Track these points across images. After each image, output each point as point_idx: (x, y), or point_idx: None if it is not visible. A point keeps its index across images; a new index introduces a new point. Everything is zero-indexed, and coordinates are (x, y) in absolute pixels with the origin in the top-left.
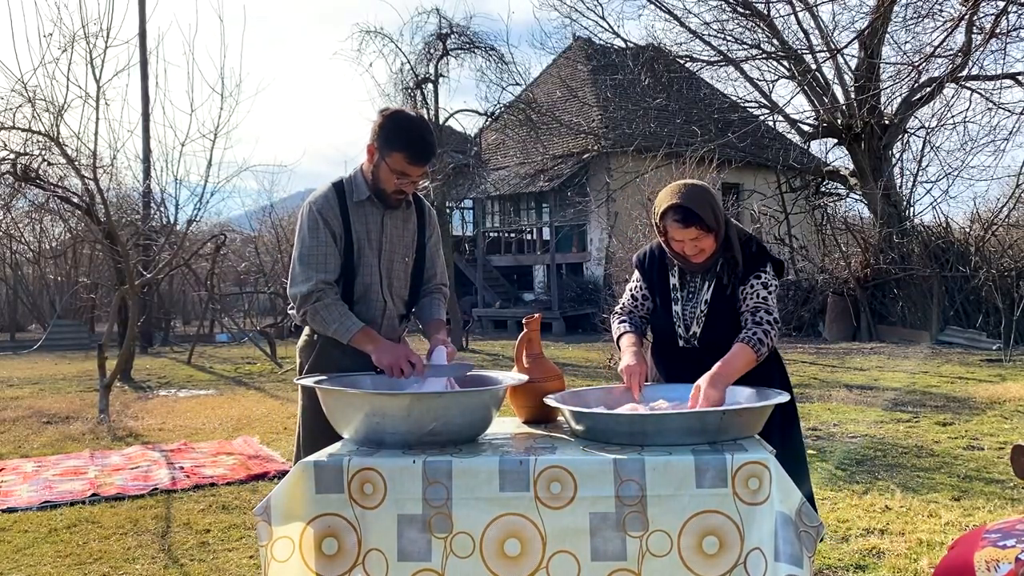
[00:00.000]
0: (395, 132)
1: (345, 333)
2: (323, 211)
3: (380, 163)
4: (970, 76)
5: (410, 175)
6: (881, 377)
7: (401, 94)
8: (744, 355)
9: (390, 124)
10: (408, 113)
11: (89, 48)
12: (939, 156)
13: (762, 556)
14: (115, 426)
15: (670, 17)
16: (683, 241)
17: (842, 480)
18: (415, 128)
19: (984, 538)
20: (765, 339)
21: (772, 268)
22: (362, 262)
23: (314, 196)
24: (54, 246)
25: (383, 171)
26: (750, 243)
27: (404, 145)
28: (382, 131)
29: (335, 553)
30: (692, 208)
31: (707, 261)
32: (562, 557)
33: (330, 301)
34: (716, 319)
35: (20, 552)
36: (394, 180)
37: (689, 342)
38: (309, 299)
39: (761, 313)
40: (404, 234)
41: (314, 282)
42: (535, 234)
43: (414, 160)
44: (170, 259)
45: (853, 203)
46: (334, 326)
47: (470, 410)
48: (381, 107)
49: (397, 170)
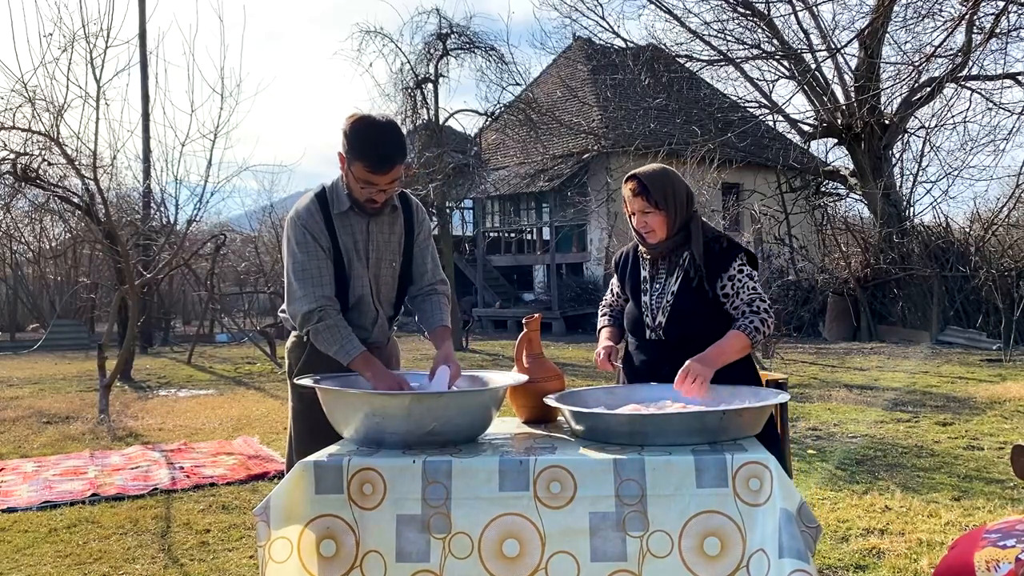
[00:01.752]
0: (356, 141)
1: (345, 356)
2: (308, 225)
3: (348, 172)
4: (970, 76)
5: (376, 183)
6: (881, 377)
7: (401, 94)
8: (738, 340)
9: (352, 132)
10: (372, 118)
11: (89, 48)
12: (939, 156)
13: (765, 556)
14: (115, 426)
15: (670, 17)
16: (636, 214)
17: (842, 480)
18: (374, 136)
19: (984, 538)
20: (761, 327)
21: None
22: (353, 272)
23: (297, 209)
24: (54, 246)
25: (351, 180)
26: (719, 240)
27: (362, 154)
28: (346, 139)
29: (333, 555)
30: (643, 180)
31: (663, 245)
32: (561, 558)
33: (332, 322)
34: (682, 310)
35: (20, 552)
36: (361, 189)
37: (656, 332)
38: (311, 318)
39: (757, 303)
40: (391, 239)
41: (315, 299)
42: (535, 234)
43: (375, 169)
44: (170, 259)
45: (853, 203)
46: (335, 348)
47: (470, 410)
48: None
49: (361, 179)
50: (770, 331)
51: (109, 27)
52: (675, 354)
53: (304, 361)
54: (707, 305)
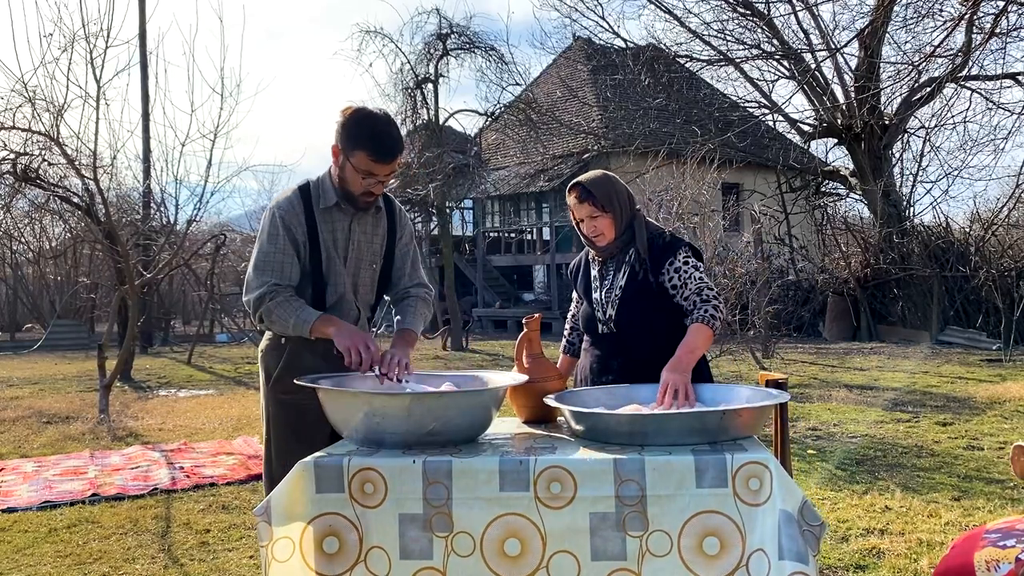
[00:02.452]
0: (357, 130)
1: (304, 325)
2: (286, 218)
3: (345, 164)
4: (970, 76)
5: (376, 174)
6: (881, 377)
7: (401, 94)
8: (700, 332)
9: (352, 122)
10: (370, 110)
11: (89, 48)
12: (939, 156)
13: (765, 557)
14: (115, 426)
15: (670, 17)
16: (583, 220)
17: (842, 480)
18: (378, 125)
19: (984, 538)
20: (716, 313)
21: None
22: (332, 270)
23: (277, 200)
24: (54, 246)
25: (349, 172)
26: (662, 235)
27: (367, 143)
28: (344, 130)
29: (336, 551)
30: (586, 185)
31: (612, 246)
32: (562, 557)
33: (282, 298)
34: (629, 302)
35: (20, 552)
36: (361, 181)
37: (607, 325)
38: (263, 301)
39: (706, 291)
40: (372, 240)
41: (267, 285)
42: (535, 234)
43: (379, 158)
44: (170, 259)
45: (853, 203)
46: (292, 320)
47: (470, 410)
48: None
49: (363, 170)
50: (724, 316)
51: (109, 27)
52: (626, 347)
53: (284, 365)
54: (653, 297)
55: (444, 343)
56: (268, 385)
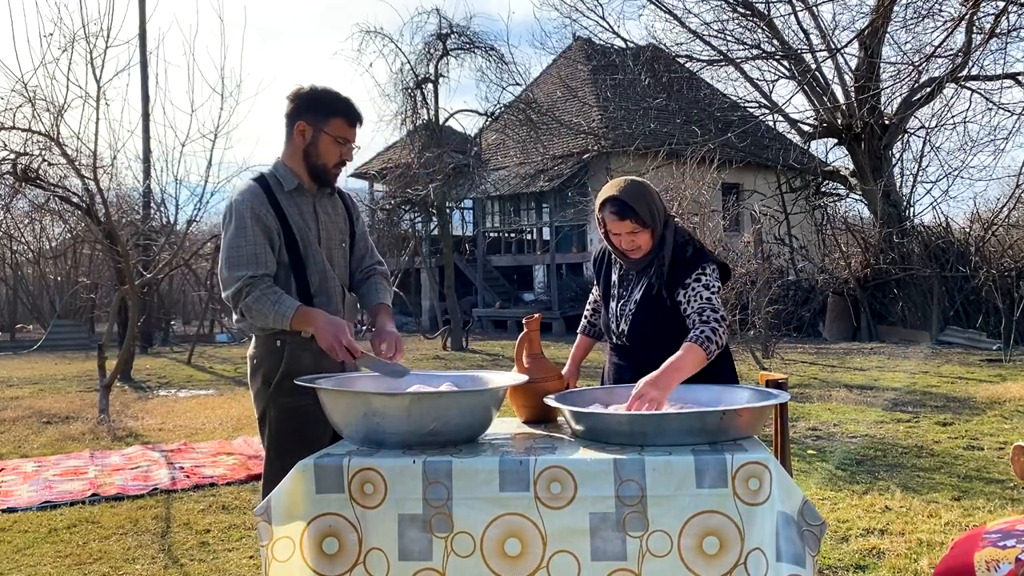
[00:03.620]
0: (327, 100)
1: (283, 318)
2: (254, 207)
3: (319, 136)
4: (970, 76)
5: (350, 140)
6: (881, 377)
7: (401, 94)
8: (692, 353)
9: (315, 96)
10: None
11: (89, 48)
12: (939, 156)
13: (763, 556)
14: (115, 426)
15: (670, 17)
16: (620, 235)
17: (842, 480)
18: (336, 93)
19: (984, 538)
20: (713, 336)
21: (715, 271)
22: (310, 252)
23: (237, 194)
24: (54, 246)
25: (324, 143)
26: (686, 247)
27: (341, 109)
28: (310, 105)
29: (336, 552)
30: (627, 201)
31: (644, 259)
32: (562, 557)
33: (259, 292)
34: (643, 318)
35: (20, 552)
36: (336, 149)
37: (620, 339)
38: (240, 296)
39: (707, 312)
40: (336, 220)
41: (243, 279)
42: (535, 234)
43: (352, 121)
44: (170, 259)
45: (853, 203)
46: (271, 314)
47: (470, 410)
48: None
49: (340, 136)
50: (723, 340)
51: (109, 27)
52: (638, 359)
53: (284, 370)
54: (666, 314)
55: (444, 343)
56: (268, 390)
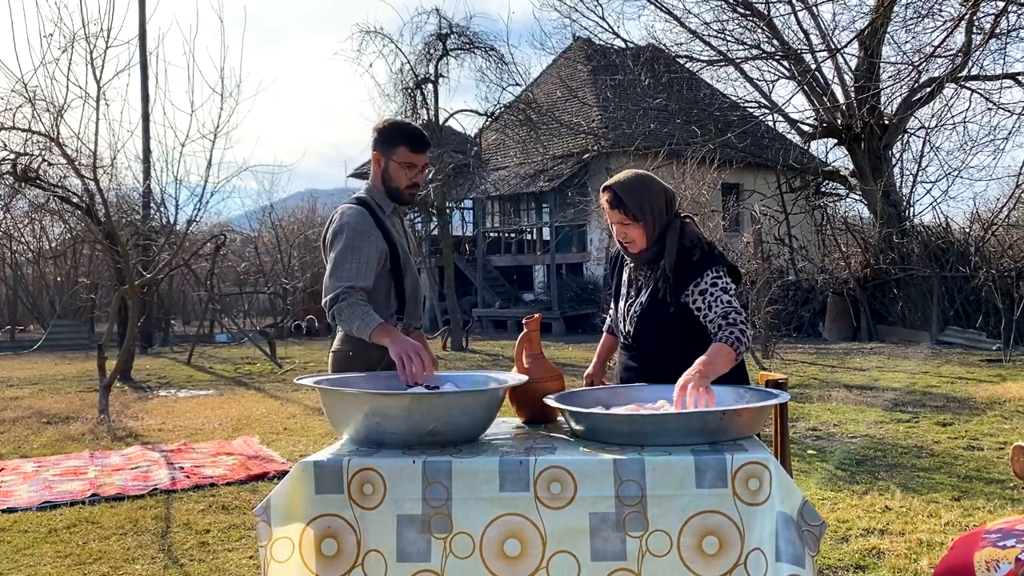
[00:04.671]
0: (392, 132)
1: (365, 329)
2: (362, 228)
3: (388, 164)
4: (970, 76)
5: (417, 164)
6: (881, 377)
7: (401, 94)
8: (725, 352)
9: (385, 128)
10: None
11: (89, 48)
12: (939, 156)
13: (763, 556)
14: (115, 426)
15: (670, 17)
16: (614, 224)
17: (842, 480)
18: (406, 123)
19: (984, 538)
20: (742, 338)
21: (726, 273)
22: (407, 266)
23: (346, 216)
24: (54, 246)
25: (393, 170)
26: (692, 251)
27: (404, 139)
28: (381, 136)
29: (334, 554)
30: (618, 192)
31: (643, 255)
32: (562, 557)
33: (353, 301)
34: (647, 322)
35: (20, 552)
36: (405, 174)
37: (627, 339)
38: (336, 302)
39: (732, 315)
40: (408, 236)
41: (341, 287)
42: (535, 234)
43: (416, 148)
44: (170, 259)
45: (853, 203)
46: (356, 324)
47: (470, 410)
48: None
49: (405, 163)
50: (749, 343)
51: (109, 27)
52: (646, 361)
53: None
54: (673, 317)
55: (444, 343)
56: None
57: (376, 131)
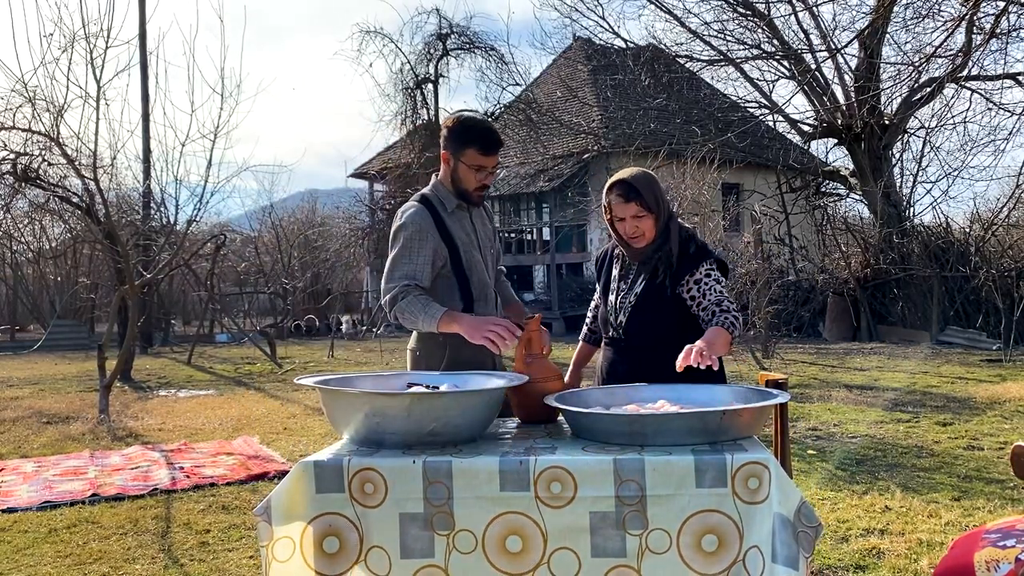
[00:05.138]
0: (463, 131)
1: (431, 321)
2: (421, 228)
3: (457, 165)
4: (970, 76)
5: (485, 166)
6: (881, 377)
7: (401, 94)
8: (719, 333)
9: (457, 127)
10: (469, 114)
11: (89, 48)
12: (939, 156)
13: (760, 555)
14: (115, 426)
15: (670, 17)
16: (624, 220)
17: (842, 480)
18: (479, 123)
19: (984, 538)
20: (736, 323)
21: (717, 267)
22: (472, 265)
23: (406, 216)
24: (54, 246)
25: (462, 171)
26: (689, 243)
27: (475, 140)
28: (451, 135)
29: (336, 551)
30: (635, 184)
31: (646, 248)
32: (563, 553)
33: (412, 297)
34: (643, 311)
35: (20, 552)
36: (474, 177)
37: (618, 331)
38: (396, 300)
39: (725, 303)
40: (487, 230)
41: (399, 285)
42: (535, 234)
43: (485, 150)
44: (170, 259)
45: (853, 203)
46: (421, 318)
47: (470, 410)
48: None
49: (474, 164)
50: (740, 330)
51: (109, 27)
52: (633, 355)
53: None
54: (667, 307)
55: None
56: None
57: (446, 128)
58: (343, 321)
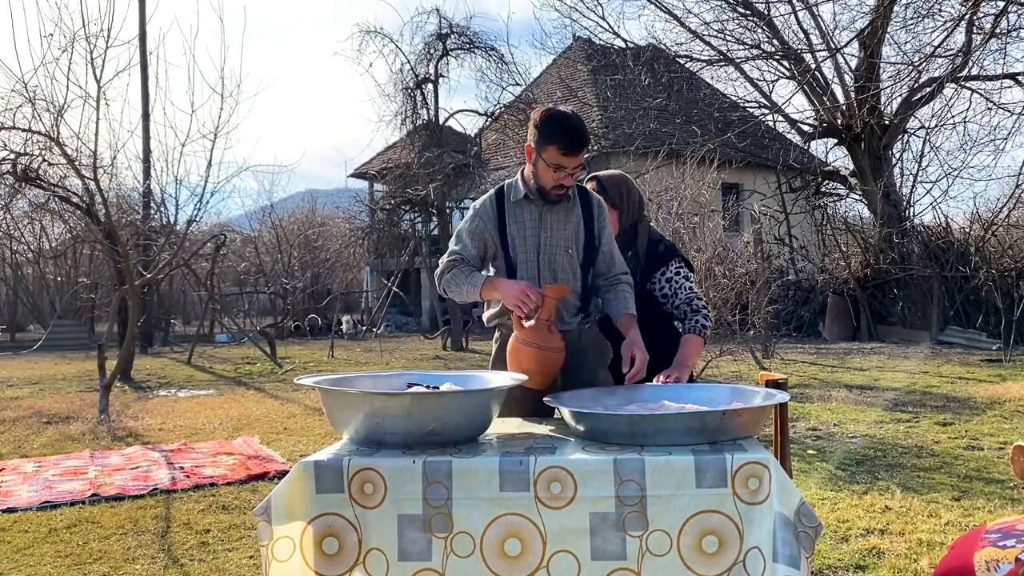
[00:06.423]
0: (548, 127)
1: (474, 289)
2: (480, 213)
3: (538, 160)
4: (970, 76)
5: (566, 167)
6: (881, 377)
7: (401, 94)
8: (692, 342)
9: (543, 121)
10: (559, 109)
11: (89, 48)
12: (939, 156)
13: (761, 556)
14: (115, 426)
15: (670, 17)
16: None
17: (842, 480)
18: (564, 121)
19: (984, 538)
20: (707, 323)
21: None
22: (519, 257)
23: (477, 203)
24: (54, 246)
25: (541, 168)
26: (658, 244)
27: (557, 138)
28: (537, 130)
29: (336, 552)
30: (602, 180)
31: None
32: (562, 556)
33: (457, 270)
34: None
35: (20, 552)
36: (552, 174)
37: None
38: (442, 276)
39: (696, 302)
40: (566, 227)
41: (447, 260)
42: None
43: (567, 151)
44: (170, 259)
45: (853, 203)
46: (465, 287)
47: (470, 410)
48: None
49: (553, 163)
50: (712, 324)
51: (109, 27)
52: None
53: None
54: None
55: (444, 343)
56: None
57: (534, 120)
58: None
